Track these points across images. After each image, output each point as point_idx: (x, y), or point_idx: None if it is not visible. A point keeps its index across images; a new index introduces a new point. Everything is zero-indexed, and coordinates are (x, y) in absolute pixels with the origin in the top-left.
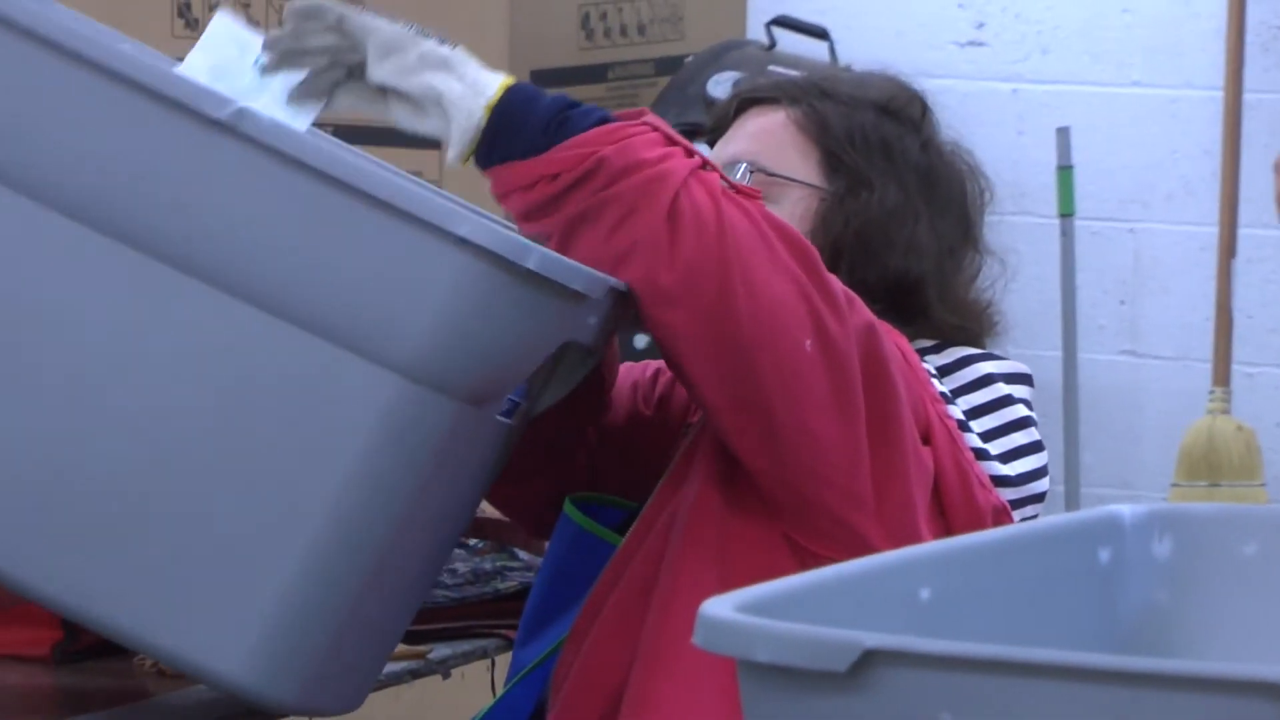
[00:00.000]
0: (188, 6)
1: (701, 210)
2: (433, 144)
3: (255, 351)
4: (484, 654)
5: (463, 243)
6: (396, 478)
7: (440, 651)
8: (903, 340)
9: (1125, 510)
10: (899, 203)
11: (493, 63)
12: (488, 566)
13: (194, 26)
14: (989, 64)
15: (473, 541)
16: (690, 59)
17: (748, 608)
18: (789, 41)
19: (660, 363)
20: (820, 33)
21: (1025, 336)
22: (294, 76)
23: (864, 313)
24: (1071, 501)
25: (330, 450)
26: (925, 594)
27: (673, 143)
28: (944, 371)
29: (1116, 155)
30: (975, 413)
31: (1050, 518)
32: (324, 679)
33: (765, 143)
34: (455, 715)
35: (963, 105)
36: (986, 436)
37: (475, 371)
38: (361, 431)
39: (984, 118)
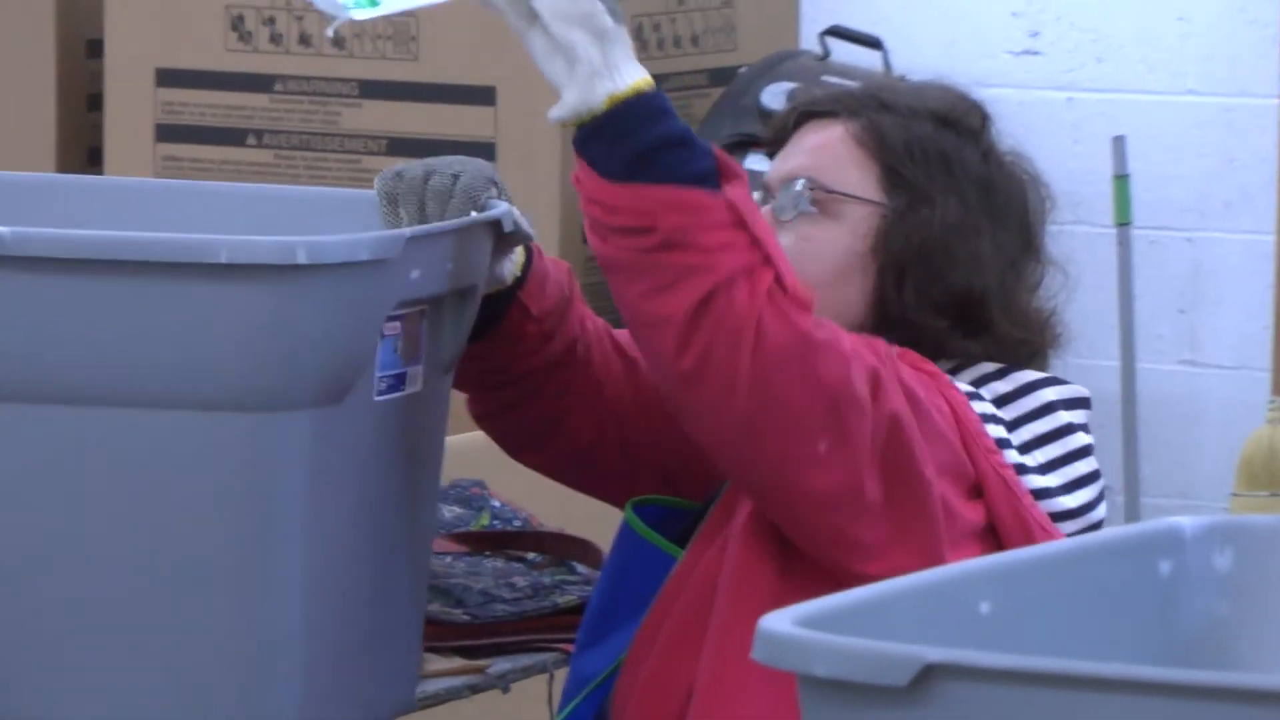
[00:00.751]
0: (241, 20)
1: (736, 313)
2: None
3: (106, 448)
4: (543, 668)
5: (229, 268)
6: (282, 503)
7: (499, 666)
8: (955, 392)
9: (1186, 522)
10: (960, 217)
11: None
12: (546, 581)
13: (247, 40)
14: (1043, 73)
15: (531, 556)
16: (744, 70)
17: (807, 622)
18: (842, 51)
19: None
20: (874, 42)
21: (1083, 346)
22: None
23: (891, 401)
24: (1130, 513)
25: (211, 506)
26: (985, 608)
27: (743, 227)
28: (1006, 399)
29: (1173, 164)
30: (1037, 441)
31: (1110, 530)
32: (320, 702)
33: (823, 158)
34: None
35: (1017, 114)
36: (1048, 466)
37: (310, 375)
38: (230, 479)
39: (1039, 127)
